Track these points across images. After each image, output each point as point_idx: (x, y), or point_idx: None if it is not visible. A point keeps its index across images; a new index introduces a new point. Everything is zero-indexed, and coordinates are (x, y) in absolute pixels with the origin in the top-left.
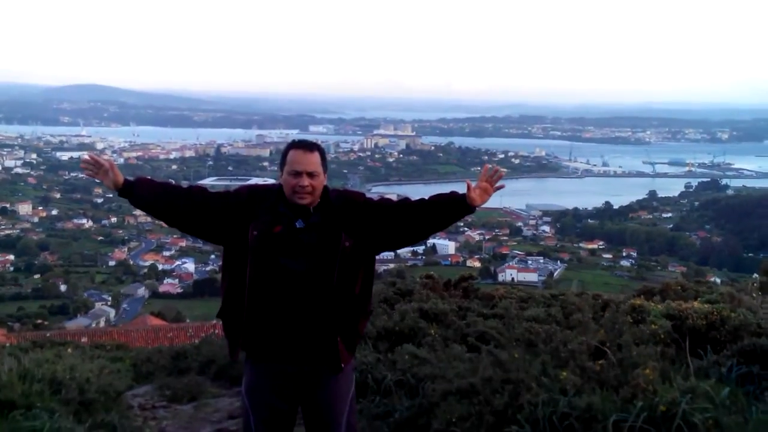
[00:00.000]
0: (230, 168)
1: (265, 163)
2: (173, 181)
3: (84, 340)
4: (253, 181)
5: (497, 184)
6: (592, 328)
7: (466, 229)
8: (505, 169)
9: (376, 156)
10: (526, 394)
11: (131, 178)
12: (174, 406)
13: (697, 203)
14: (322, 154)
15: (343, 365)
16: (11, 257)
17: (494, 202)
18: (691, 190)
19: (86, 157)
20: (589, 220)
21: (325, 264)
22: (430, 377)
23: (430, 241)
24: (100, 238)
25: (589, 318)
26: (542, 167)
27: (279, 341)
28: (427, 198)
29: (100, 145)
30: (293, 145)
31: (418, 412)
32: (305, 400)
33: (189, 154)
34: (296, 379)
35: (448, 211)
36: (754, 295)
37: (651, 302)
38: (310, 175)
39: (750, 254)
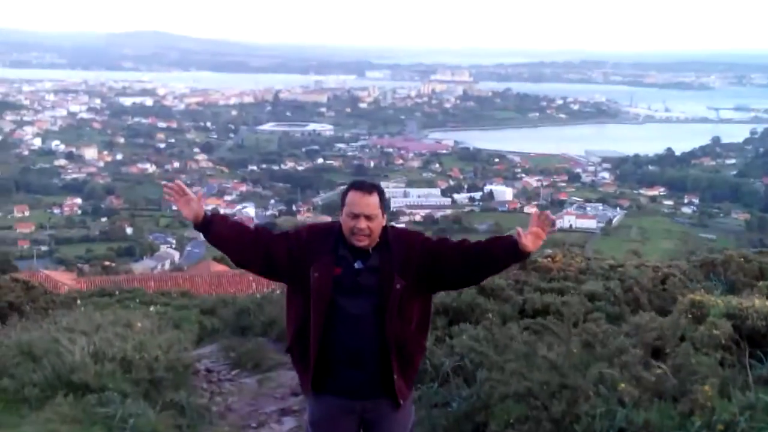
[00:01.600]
0: (288, 113)
1: (323, 109)
2: (235, 216)
3: (151, 284)
4: (311, 127)
5: (549, 228)
6: (651, 327)
7: (523, 175)
8: (555, 219)
9: (433, 102)
10: (583, 403)
11: (209, 213)
12: (239, 380)
13: (762, 149)
14: (381, 195)
15: (402, 401)
16: (78, 201)
17: (551, 148)
18: (756, 136)
19: (173, 184)
20: (649, 167)
21: (381, 305)
22: (488, 366)
23: (488, 187)
24: (164, 182)
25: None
26: (602, 113)
27: (340, 378)
28: (482, 242)
29: (161, 91)
30: (353, 185)
31: (476, 407)
32: (367, 431)
33: (248, 99)
34: (358, 412)
35: (502, 259)
36: None
37: (711, 297)
38: (368, 218)
39: None
